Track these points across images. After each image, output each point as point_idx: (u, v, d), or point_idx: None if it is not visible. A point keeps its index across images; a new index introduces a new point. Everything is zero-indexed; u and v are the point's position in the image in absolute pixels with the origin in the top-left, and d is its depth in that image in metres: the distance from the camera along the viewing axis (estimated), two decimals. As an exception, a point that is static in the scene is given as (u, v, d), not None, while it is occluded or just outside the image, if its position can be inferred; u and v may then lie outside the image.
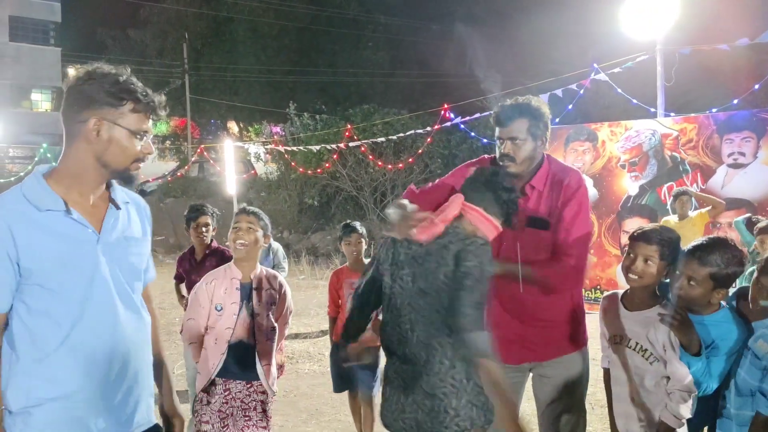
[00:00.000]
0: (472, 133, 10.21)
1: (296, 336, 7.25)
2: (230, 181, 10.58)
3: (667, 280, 2.40)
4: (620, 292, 2.51)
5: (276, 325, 2.98)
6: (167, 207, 19.84)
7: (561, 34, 17.14)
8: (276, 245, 5.54)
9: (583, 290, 7.47)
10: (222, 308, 2.87)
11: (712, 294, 2.27)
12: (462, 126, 9.91)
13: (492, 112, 2.58)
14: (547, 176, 2.52)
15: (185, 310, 4.16)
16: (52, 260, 1.61)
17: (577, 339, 2.59)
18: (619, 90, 7.83)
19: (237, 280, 2.91)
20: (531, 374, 2.64)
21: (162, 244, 16.76)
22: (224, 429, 2.87)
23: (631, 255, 2.35)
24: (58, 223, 1.64)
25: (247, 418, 2.88)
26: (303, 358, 6.35)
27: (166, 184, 23.43)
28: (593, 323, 2.75)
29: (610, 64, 7.91)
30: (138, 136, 1.69)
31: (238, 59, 26.39)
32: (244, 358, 2.85)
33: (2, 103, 26.51)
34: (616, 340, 2.42)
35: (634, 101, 8.07)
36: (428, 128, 10.71)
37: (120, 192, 1.80)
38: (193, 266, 4.20)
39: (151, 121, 1.73)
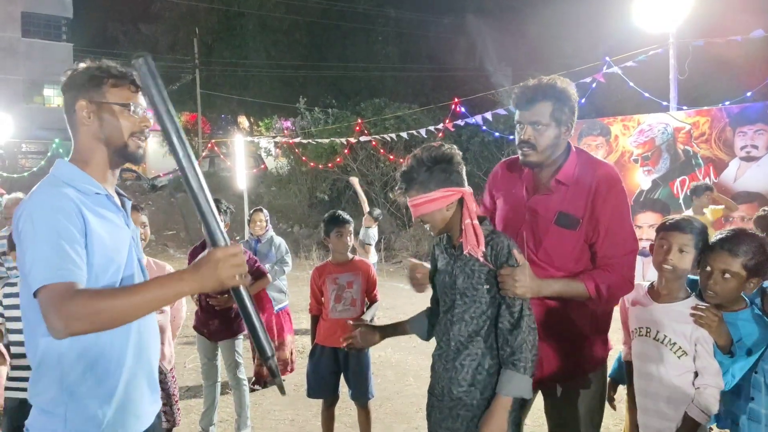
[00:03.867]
0: (484, 127, 10.16)
1: (307, 331, 7.26)
2: (241, 176, 10.60)
3: (695, 277, 2.38)
4: (645, 283, 2.48)
5: (165, 308, 3.22)
6: (178, 202, 19.92)
7: (572, 27, 17.00)
8: (278, 240, 5.49)
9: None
10: None
11: (745, 285, 2.26)
12: (474, 121, 9.86)
13: (513, 94, 2.30)
14: (576, 170, 2.26)
15: (196, 304, 4.19)
16: (107, 241, 1.70)
17: (598, 356, 2.38)
18: (632, 84, 7.76)
19: None
20: (541, 392, 2.41)
21: (173, 239, 16.84)
22: None
23: (665, 246, 2.32)
24: (103, 206, 1.75)
25: None
26: (314, 353, 6.36)
27: (177, 178, 23.51)
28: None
29: (622, 57, 7.83)
30: (127, 109, 1.78)
31: (249, 54, 26.40)
32: None
33: (15, 99, 26.70)
34: (642, 332, 2.38)
35: (647, 95, 8.00)
36: (440, 125, 10.65)
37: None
38: (204, 260, 4.21)
39: (138, 95, 1.81)
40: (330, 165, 15.12)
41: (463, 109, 10.24)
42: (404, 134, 11.95)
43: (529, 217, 2.29)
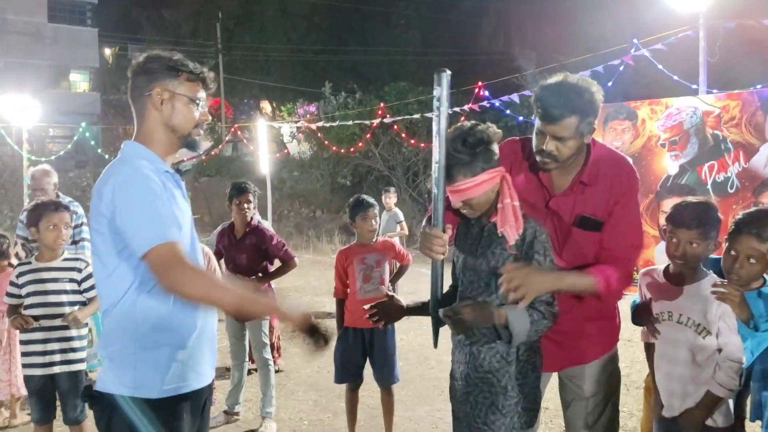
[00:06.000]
0: (507, 111, 10.06)
1: (330, 314, 7.32)
2: (263, 161, 10.65)
3: (717, 257, 2.36)
4: (660, 267, 2.46)
5: None
6: (202, 186, 20.12)
7: (599, 8, 16.67)
8: (266, 223, 5.46)
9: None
10: None
11: None
12: (497, 104, 9.76)
13: (533, 94, 2.19)
14: (596, 169, 2.20)
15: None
16: (179, 215, 1.86)
17: (609, 341, 2.38)
18: (660, 66, 7.60)
19: None
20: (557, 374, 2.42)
21: (197, 223, 17.00)
22: None
23: (674, 240, 2.30)
24: (172, 183, 1.93)
25: None
26: (336, 335, 6.42)
27: (200, 163, 23.69)
28: (627, 306, 2.70)
29: (650, 40, 7.67)
30: (195, 103, 1.95)
31: (270, 39, 26.39)
32: None
33: (41, 84, 27.06)
34: (664, 316, 2.37)
35: (676, 78, 7.84)
36: (465, 107, 10.57)
37: None
38: (232, 243, 4.24)
39: (203, 92, 1.99)
40: (352, 150, 15.11)
41: (486, 93, 10.15)
42: (430, 114, 11.88)
43: (552, 218, 2.25)
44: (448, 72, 2.02)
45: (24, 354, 3.29)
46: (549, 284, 2.03)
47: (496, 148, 2.08)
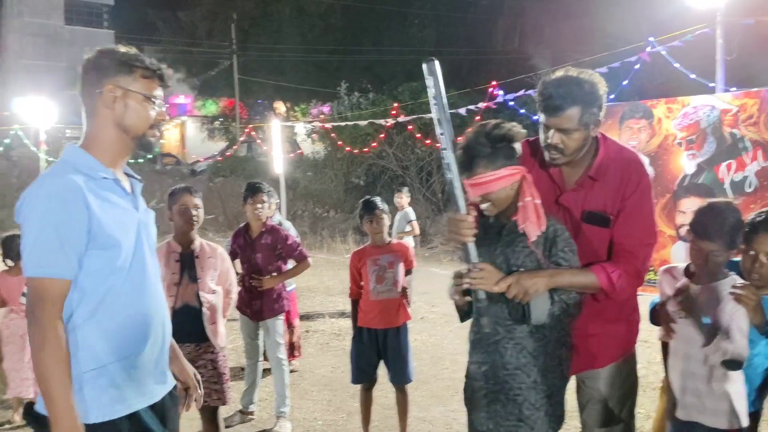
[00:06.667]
0: (522, 110, 10.01)
1: (343, 314, 7.33)
2: (277, 161, 10.69)
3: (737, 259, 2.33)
4: (680, 265, 2.44)
5: (217, 288, 3.35)
6: (216, 186, 20.21)
7: (615, 6, 16.53)
8: (288, 224, 5.49)
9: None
10: (164, 279, 3.15)
11: None
12: (511, 103, 9.72)
13: (536, 90, 2.21)
14: (606, 164, 2.19)
15: (239, 285, 4.25)
16: (111, 226, 1.72)
17: (626, 344, 2.36)
18: (677, 64, 7.52)
19: (176, 252, 3.31)
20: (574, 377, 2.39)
21: (212, 223, 17.12)
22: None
23: (696, 249, 2.26)
24: (111, 190, 1.78)
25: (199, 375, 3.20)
26: (350, 335, 6.42)
27: (215, 163, 23.87)
28: (645, 306, 2.67)
29: (667, 38, 7.60)
30: (151, 102, 1.81)
31: (285, 39, 26.47)
32: (193, 320, 3.22)
33: (58, 86, 27.39)
34: (681, 315, 2.35)
35: (693, 76, 7.75)
36: (479, 105, 10.53)
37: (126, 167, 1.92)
38: (247, 242, 4.26)
39: (161, 89, 1.85)
40: (366, 150, 15.11)
41: (500, 92, 10.10)
42: (438, 133, 11.83)
43: (562, 214, 2.25)
44: (436, 61, 2.02)
45: None
46: (544, 283, 2.03)
47: (518, 146, 2.09)
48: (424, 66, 2.01)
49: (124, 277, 1.75)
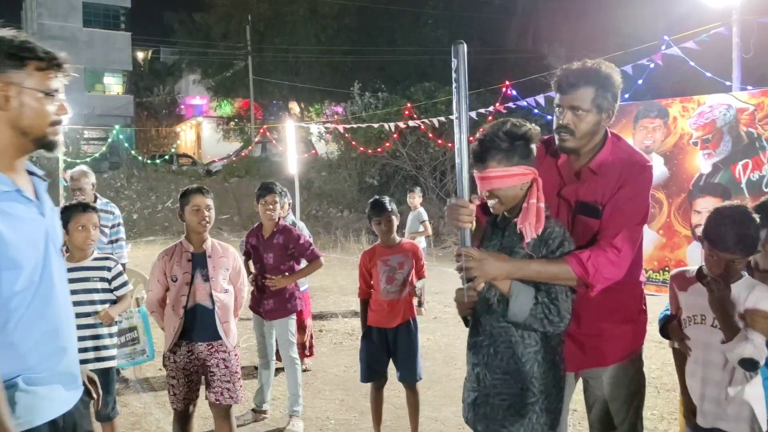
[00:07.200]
0: (536, 110, 9.97)
1: (356, 313, 7.35)
2: (292, 161, 10.74)
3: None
4: (692, 268, 2.41)
5: (229, 288, 3.39)
6: (231, 186, 20.35)
7: (630, 5, 16.41)
8: (301, 224, 5.50)
9: (652, 272, 7.19)
10: (177, 278, 3.29)
11: None
12: (526, 104, 9.68)
13: (554, 77, 2.25)
14: (609, 160, 2.19)
15: (251, 284, 4.29)
16: (13, 240, 1.57)
17: (632, 344, 2.34)
18: (692, 63, 7.45)
19: (188, 252, 3.33)
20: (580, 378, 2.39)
21: (227, 223, 17.24)
22: (189, 384, 3.32)
23: (714, 258, 2.23)
24: (14, 202, 1.61)
25: (211, 374, 3.29)
26: (363, 335, 6.44)
27: (230, 164, 24.02)
28: (659, 306, 2.66)
29: (681, 37, 7.52)
30: (49, 97, 1.64)
31: (299, 40, 26.58)
32: (205, 319, 3.27)
33: (77, 87, 27.74)
34: (697, 320, 2.33)
35: (708, 74, 7.67)
36: (491, 108, 10.50)
37: (28, 165, 1.77)
38: (260, 242, 4.29)
39: (59, 81, 1.67)
40: (379, 150, 15.14)
41: (513, 92, 10.07)
42: (454, 117, 11.82)
43: (562, 206, 2.24)
44: (464, 45, 2.08)
45: None
46: (507, 270, 2.01)
47: (534, 148, 2.09)
48: (453, 48, 2.09)
49: (33, 294, 1.63)
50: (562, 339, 2.14)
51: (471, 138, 2.11)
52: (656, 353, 5.08)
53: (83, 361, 3.29)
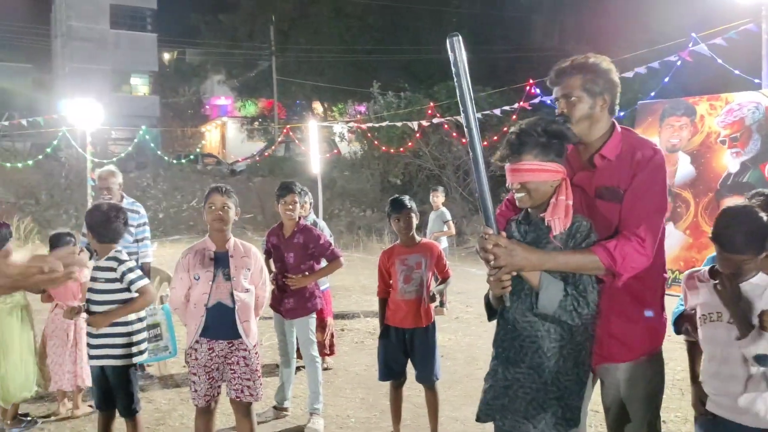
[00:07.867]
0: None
1: (376, 313, 7.35)
2: (315, 161, 10.80)
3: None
4: (704, 268, 2.41)
5: (250, 287, 3.39)
6: (255, 186, 20.51)
7: (657, 1, 16.16)
8: (322, 223, 5.50)
9: (679, 273, 7.08)
10: (199, 277, 3.31)
11: None
12: (549, 102, 9.59)
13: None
14: (619, 146, 2.23)
15: (272, 284, 4.32)
16: None
17: (649, 343, 2.29)
18: (720, 60, 7.31)
19: (211, 251, 3.35)
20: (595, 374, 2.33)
21: (250, 222, 17.37)
22: (210, 381, 3.33)
23: (724, 260, 2.24)
24: None
25: (232, 372, 3.33)
26: (385, 335, 6.45)
27: (254, 163, 24.23)
28: (671, 306, 2.62)
29: (710, 33, 7.39)
30: None
31: (323, 40, 26.71)
32: (226, 318, 3.29)
33: (104, 88, 28.18)
34: (713, 317, 2.30)
35: (737, 72, 7.52)
36: (515, 105, 10.43)
37: None
38: (281, 241, 4.31)
39: None
40: (402, 149, 15.13)
41: (537, 91, 9.99)
42: (479, 115, 11.76)
43: (575, 194, 2.22)
44: (459, 36, 2.04)
45: (87, 346, 3.49)
46: (534, 261, 2.02)
47: (567, 149, 2.15)
48: (448, 41, 2.03)
49: None
50: (590, 334, 2.13)
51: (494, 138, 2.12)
52: (681, 354, 4.99)
53: (98, 357, 3.38)
